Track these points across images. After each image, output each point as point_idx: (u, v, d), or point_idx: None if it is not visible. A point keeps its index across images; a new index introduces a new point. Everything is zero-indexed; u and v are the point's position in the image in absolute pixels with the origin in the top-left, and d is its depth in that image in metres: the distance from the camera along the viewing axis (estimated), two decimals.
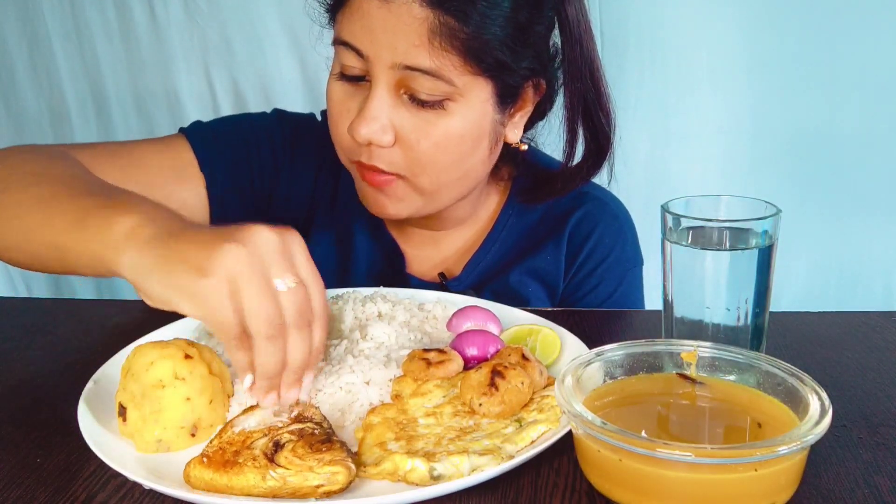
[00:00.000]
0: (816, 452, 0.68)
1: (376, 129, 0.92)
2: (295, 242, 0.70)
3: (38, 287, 1.95)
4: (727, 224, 0.79)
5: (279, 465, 0.64)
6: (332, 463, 0.63)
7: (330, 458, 0.64)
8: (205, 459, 0.65)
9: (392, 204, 1.00)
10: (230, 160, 1.07)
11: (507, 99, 0.97)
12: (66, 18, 1.78)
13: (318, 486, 0.63)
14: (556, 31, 0.98)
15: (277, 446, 0.66)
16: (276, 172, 1.12)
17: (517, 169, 1.13)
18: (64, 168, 0.88)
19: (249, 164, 1.10)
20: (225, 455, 0.66)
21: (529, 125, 1.06)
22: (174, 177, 1.03)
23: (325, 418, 0.70)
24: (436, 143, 0.93)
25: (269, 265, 0.66)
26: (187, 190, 1.04)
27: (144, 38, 1.77)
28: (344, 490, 0.63)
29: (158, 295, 0.68)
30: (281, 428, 0.68)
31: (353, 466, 0.64)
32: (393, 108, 0.92)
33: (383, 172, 0.96)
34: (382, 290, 0.97)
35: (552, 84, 1.01)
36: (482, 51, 0.89)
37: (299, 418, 0.69)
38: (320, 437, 0.67)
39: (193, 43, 1.76)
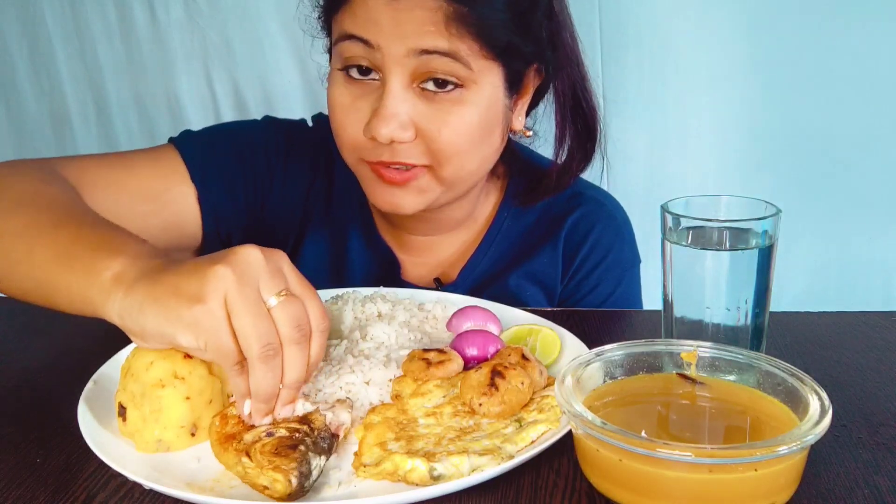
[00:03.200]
0: (816, 452, 0.68)
1: (396, 127, 0.91)
2: (281, 258, 0.69)
3: None
4: (727, 224, 0.79)
5: (248, 456, 0.65)
6: (276, 469, 0.63)
7: (278, 463, 0.64)
8: (217, 422, 0.69)
9: (409, 199, 0.98)
10: (222, 170, 1.07)
11: (514, 85, 0.98)
12: (66, 20, 1.78)
13: (265, 488, 0.64)
14: None
15: (270, 437, 0.67)
16: (269, 180, 1.11)
17: (510, 167, 1.13)
18: (53, 193, 0.87)
19: (242, 172, 1.09)
20: (232, 427, 0.68)
21: (526, 114, 1.06)
22: (165, 188, 1.02)
23: (326, 427, 0.69)
24: (455, 131, 0.93)
25: (257, 282, 0.66)
26: (179, 201, 1.03)
27: (145, 40, 1.77)
28: (285, 500, 0.63)
29: (154, 330, 0.67)
30: (281, 423, 0.69)
31: (294, 480, 0.63)
32: (409, 103, 0.92)
33: (407, 168, 0.95)
34: (382, 290, 0.97)
35: (549, 70, 1.02)
36: (493, 35, 0.90)
37: (303, 419, 0.69)
38: (290, 441, 0.66)
39: (194, 45, 1.75)
